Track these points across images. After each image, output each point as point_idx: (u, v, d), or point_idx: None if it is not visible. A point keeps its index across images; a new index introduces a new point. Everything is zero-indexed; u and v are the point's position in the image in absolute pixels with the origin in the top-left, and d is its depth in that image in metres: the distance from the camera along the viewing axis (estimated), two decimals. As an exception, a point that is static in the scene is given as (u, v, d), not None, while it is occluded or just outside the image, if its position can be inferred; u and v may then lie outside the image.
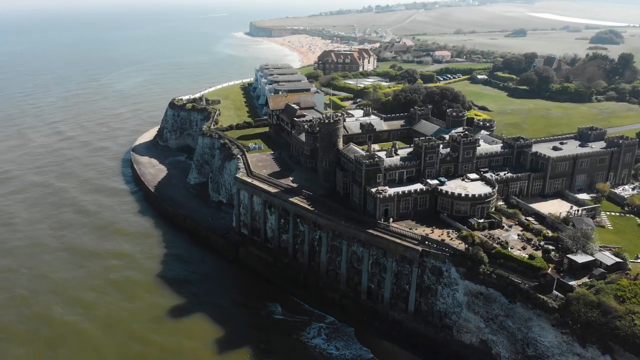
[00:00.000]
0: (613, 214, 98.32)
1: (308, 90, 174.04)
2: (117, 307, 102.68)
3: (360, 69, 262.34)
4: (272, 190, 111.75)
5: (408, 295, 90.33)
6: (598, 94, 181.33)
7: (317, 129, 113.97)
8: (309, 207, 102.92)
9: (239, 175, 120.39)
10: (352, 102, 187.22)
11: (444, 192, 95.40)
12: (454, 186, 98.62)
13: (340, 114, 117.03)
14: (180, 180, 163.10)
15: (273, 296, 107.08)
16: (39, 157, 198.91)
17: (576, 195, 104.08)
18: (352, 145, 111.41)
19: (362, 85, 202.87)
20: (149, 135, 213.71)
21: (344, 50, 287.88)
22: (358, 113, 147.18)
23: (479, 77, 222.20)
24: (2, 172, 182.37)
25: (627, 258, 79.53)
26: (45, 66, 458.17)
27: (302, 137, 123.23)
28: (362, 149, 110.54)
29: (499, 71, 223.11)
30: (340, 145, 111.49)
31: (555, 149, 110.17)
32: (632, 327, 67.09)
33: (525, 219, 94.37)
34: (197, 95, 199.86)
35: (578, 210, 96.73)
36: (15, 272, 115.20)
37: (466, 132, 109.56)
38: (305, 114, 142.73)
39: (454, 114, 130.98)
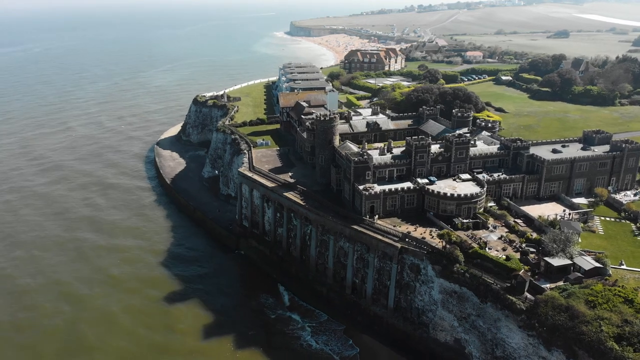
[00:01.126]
0: (608, 219, 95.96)
1: (323, 88, 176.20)
2: (114, 300, 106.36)
3: (386, 69, 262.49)
4: (269, 184, 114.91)
5: (389, 291, 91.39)
6: (622, 98, 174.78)
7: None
8: (300, 202, 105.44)
9: (241, 169, 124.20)
10: (368, 101, 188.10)
11: (430, 191, 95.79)
12: (443, 186, 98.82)
13: (337, 113, 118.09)
14: (196, 174, 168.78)
15: (267, 288, 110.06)
16: (74, 148, 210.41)
17: (572, 199, 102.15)
18: (348, 143, 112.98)
19: (381, 85, 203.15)
20: (174, 130, 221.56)
21: (371, 50, 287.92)
22: (367, 112, 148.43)
23: (503, 78, 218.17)
24: (44, 161, 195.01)
25: (608, 264, 77.96)
26: (93, 61, 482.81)
27: (305, 134, 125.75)
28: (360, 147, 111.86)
29: (525, 72, 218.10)
30: (337, 142, 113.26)
31: (554, 151, 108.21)
32: (599, 333, 66.01)
33: (514, 221, 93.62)
34: (220, 93, 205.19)
35: (570, 214, 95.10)
36: (24, 262, 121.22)
37: (460, 133, 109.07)
38: (313, 111, 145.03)
39: (459, 114, 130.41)
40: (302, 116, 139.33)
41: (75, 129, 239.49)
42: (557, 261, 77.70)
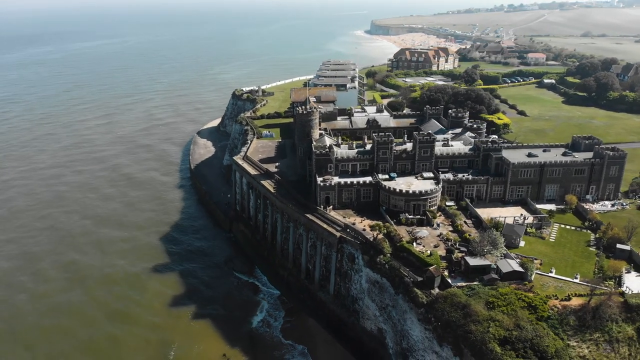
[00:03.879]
0: (569, 227, 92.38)
1: (344, 86, 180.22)
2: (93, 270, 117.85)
3: (434, 68, 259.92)
4: (253, 172, 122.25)
5: (330, 278, 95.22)
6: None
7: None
8: (271, 190, 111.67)
9: (235, 157, 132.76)
10: (393, 98, 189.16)
11: (383, 186, 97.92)
12: (401, 182, 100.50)
13: (316, 108, 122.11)
14: (219, 161, 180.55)
15: (244, 269, 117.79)
16: (146, 128, 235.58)
17: (541, 205, 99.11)
18: (325, 137, 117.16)
19: (409, 83, 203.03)
20: (217, 121, 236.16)
21: (420, 49, 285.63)
22: (372, 109, 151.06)
23: (546, 81, 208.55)
24: (119, 138, 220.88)
25: (531, 269, 76.25)
26: (178, 55, 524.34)
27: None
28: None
29: (571, 76, 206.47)
30: (316, 135, 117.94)
31: (530, 155, 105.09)
32: (485, 334, 66.10)
33: (464, 221, 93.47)
34: (255, 88, 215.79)
35: (525, 219, 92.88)
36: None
37: (430, 132, 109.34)
38: (321, 107, 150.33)
39: (453, 114, 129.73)
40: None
41: (153, 113, 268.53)
42: (474, 261, 77.64)
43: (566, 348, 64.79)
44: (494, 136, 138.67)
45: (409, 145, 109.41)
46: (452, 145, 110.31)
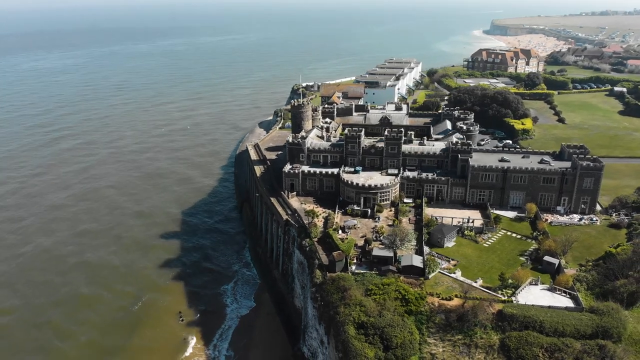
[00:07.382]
0: (514, 235, 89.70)
1: (385, 84, 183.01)
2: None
3: (512, 70, 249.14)
4: (254, 158, 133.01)
5: (279, 258, 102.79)
6: None
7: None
8: (257, 175, 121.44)
9: (248, 143, 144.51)
10: (427, 98, 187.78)
11: (341, 178, 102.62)
12: (363, 176, 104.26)
13: (306, 102, 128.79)
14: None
15: (236, 246, 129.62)
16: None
17: (502, 211, 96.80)
18: (315, 129, 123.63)
19: (464, 84, 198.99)
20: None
21: (499, 50, 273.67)
22: (392, 106, 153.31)
23: (616, 89, 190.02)
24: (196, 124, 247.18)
25: (431, 267, 77.09)
26: (281, 52, 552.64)
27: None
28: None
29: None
30: (308, 126, 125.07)
31: (502, 160, 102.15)
32: (348, 316, 69.57)
33: (409, 218, 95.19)
34: (311, 83, 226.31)
35: (469, 222, 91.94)
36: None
37: (400, 130, 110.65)
38: (342, 102, 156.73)
39: (456, 115, 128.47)
40: (327, 105, 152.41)
41: (255, 101, 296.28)
42: (378, 251, 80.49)
43: (418, 343, 65.98)
44: (508, 141, 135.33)
45: (381, 143, 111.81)
46: (433, 145, 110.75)
